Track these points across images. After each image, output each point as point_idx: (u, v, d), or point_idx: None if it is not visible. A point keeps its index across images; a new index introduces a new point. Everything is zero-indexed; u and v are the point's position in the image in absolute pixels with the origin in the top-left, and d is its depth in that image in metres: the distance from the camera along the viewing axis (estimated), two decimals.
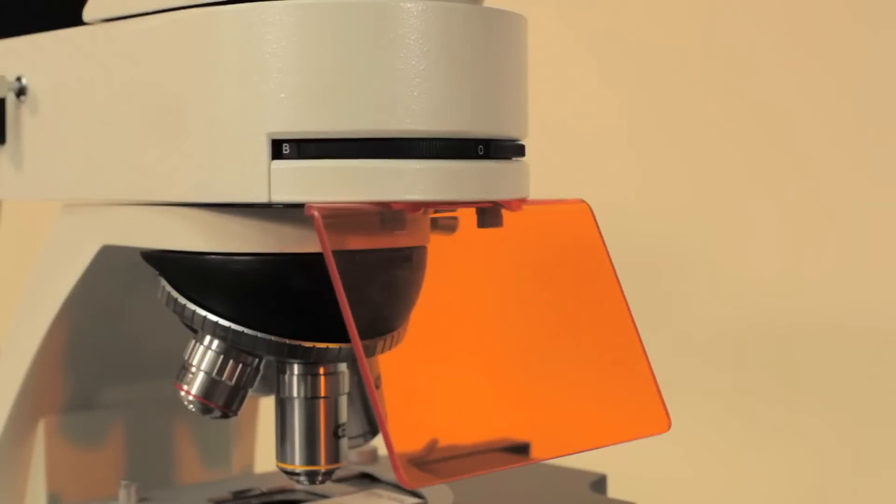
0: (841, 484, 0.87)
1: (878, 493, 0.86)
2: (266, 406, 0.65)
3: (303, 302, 0.50)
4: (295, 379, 0.53)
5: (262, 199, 0.46)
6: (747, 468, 1.04)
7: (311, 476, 0.54)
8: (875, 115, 0.98)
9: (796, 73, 1.03)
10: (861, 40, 0.99)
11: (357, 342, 0.44)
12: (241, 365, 0.52)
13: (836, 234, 0.93)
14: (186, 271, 0.51)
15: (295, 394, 0.53)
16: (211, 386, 0.52)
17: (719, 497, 1.08)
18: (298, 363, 0.53)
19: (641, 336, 0.53)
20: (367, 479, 0.67)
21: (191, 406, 0.52)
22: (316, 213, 0.45)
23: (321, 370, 0.53)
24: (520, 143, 0.50)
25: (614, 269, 0.53)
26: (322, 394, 0.53)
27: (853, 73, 1.00)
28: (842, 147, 1.01)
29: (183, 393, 0.52)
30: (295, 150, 0.46)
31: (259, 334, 0.50)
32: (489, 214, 0.50)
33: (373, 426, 0.59)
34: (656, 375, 0.53)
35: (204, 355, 0.52)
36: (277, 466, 0.54)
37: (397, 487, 0.64)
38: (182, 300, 0.51)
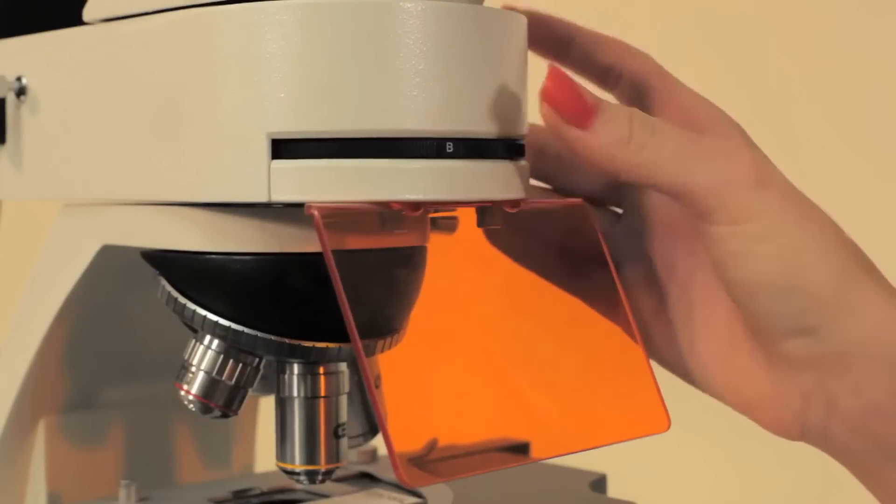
0: (843, 484, 0.87)
1: None
2: (266, 406, 0.65)
3: (302, 301, 0.50)
4: (295, 378, 0.53)
5: (262, 198, 0.46)
6: (748, 468, 1.04)
7: (311, 475, 0.54)
8: (882, 109, 0.98)
9: (802, 69, 1.03)
10: (867, 34, 0.98)
11: (357, 341, 0.44)
12: (241, 364, 0.52)
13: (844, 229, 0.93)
14: (186, 271, 0.51)
15: (295, 393, 0.53)
16: (211, 385, 0.52)
17: (719, 497, 1.08)
18: (298, 363, 0.53)
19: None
20: (366, 479, 0.67)
21: (191, 406, 0.52)
22: (315, 213, 0.45)
23: (321, 370, 0.53)
24: (519, 142, 0.50)
25: (614, 269, 0.53)
26: (322, 393, 0.53)
27: (859, 67, 1.00)
28: (848, 143, 1.01)
29: (183, 392, 0.52)
30: (295, 150, 0.46)
31: (259, 334, 0.50)
32: (489, 214, 0.50)
33: (372, 426, 0.59)
34: (656, 375, 0.53)
35: (204, 355, 0.52)
36: (277, 466, 0.54)
37: (397, 487, 0.64)
38: (182, 300, 0.51)
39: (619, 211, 0.56)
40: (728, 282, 0.48)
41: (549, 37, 0.54)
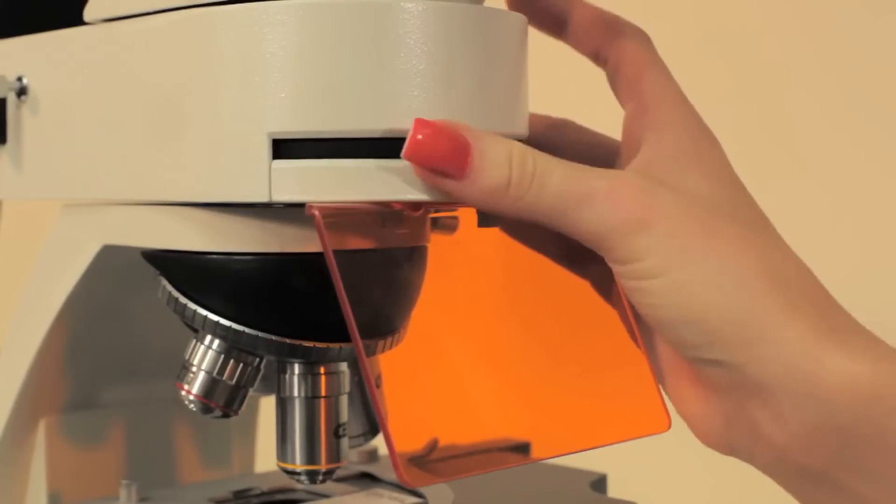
0: None
1: None
2: (266, 406, 0.65)
3: (303, 301, 0.50)
4: (295, 378, 0.53)
5: (263, 198, 0.46)
6: (748, 468, 1.04)
7: (312, 475, 0.54)
8: (883, 109, 0.97)
9: (800, 69, 1.03)
10: (868, 34, 0.98)
11: (357, 341, 0.44)
12: (241, 364, 0.52)
13: (842, 232, 0.93)
14: (187, 271, 0.51)
15: (295, 393, 0.53)
16: (211, 385, 0.52)
17: (719, 497, 1.08)
18: (299, 363, 0.53)
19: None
20: (367, 479, 0.67)
21: (191, 405, 0.52)
22: (316, 213, 0.45)
23: (321, 370, 0.53)
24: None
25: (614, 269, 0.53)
26: (322, 393, 0.53)
27: (860, 67, 1.00)
28: (849, 142, 1.01)
29: (183, 392, 0.52)
30: (295, 150, 0.46)
31: (259, 334, 0.50)
32: (489, 214, 0.50)
33: (373, 425, 0.59)
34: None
35: (204, 355, 0.52)
36: (278, 466, 0.54)
37: (398, 487, 0.64)
38: (182, 300, 0.51)
39: None
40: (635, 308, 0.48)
41: (548, 11, 0.53)
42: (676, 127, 0.50)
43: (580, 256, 0.54)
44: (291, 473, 0.54)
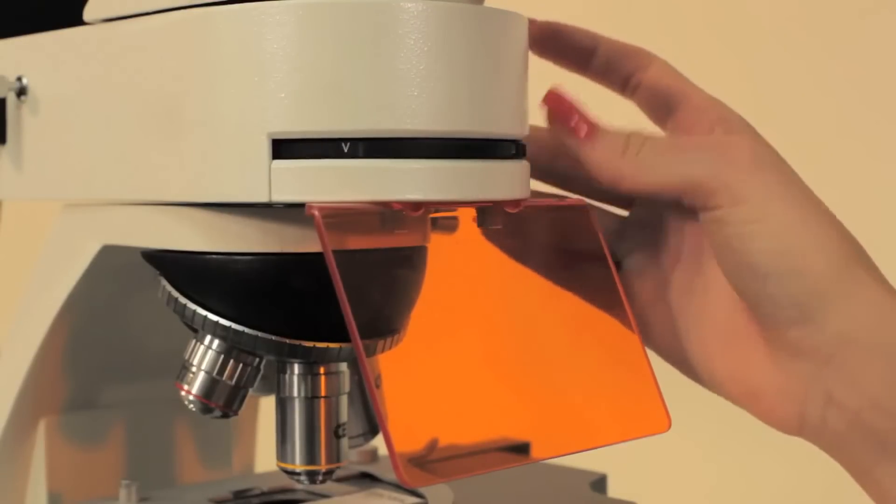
0: (844, 484, 0.86)
1: None
2: (266, 406, 0.65)
3: (303, 301, 0.50)
4: (295, 378, 0.53)
5: (263, 198, 0.46)
6: (748, 468, 1.04)
7: (312, 476, 0.54)
8: (886, 105, 0.97)
9: (806, 64, 1.03)
10: (876, 34, 0.98)
11: (357, 342, 0.44)
12: (241, 364, 0.52)
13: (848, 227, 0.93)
14: (187, 271, 0.51)
15: (295, 393, 0.53)
16: (211, 385, 0.52)
17: (720, 497, 1.08)
18: (299, 363, 0.53)
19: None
20: (367, 479, 0.67)
21: (191, 405, 0.52)
22: (316, 213, 0.45)
23: (321, 370, 0.53)
24: (520, 142, 0.50)
25: (614, 269, 0.53)
26: (322, 393, 0.53)
27: (868, 66, 1.00)
28: (858, 142, 1.00)
29: (183, 392, 0.52)
30: (295, 150, 0.46)
31: (259, 334, 0.50)
32: (489, 214, 0.50)
33: (373, 426, 0.59)
34: (656, 375, 0.53)
35: (204, 355, 0.52)
36: (278, 466, 0.54)
37: (397, 487, 0.64)
38: (182, 300, 0.51)
39: (625, 213, 0.57)
40: (729, 266, 0.50)
41: (572, 48, 0.55)
42: (732, 125, 0.53)
43: (579, 260, 0.55)
44: (291, 473, 0.54)
